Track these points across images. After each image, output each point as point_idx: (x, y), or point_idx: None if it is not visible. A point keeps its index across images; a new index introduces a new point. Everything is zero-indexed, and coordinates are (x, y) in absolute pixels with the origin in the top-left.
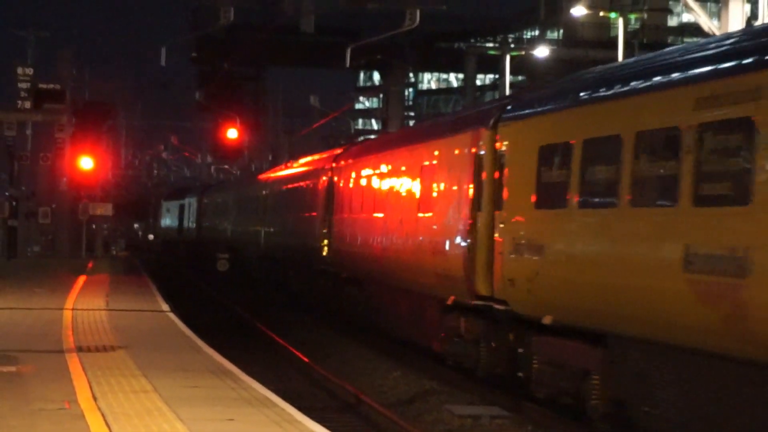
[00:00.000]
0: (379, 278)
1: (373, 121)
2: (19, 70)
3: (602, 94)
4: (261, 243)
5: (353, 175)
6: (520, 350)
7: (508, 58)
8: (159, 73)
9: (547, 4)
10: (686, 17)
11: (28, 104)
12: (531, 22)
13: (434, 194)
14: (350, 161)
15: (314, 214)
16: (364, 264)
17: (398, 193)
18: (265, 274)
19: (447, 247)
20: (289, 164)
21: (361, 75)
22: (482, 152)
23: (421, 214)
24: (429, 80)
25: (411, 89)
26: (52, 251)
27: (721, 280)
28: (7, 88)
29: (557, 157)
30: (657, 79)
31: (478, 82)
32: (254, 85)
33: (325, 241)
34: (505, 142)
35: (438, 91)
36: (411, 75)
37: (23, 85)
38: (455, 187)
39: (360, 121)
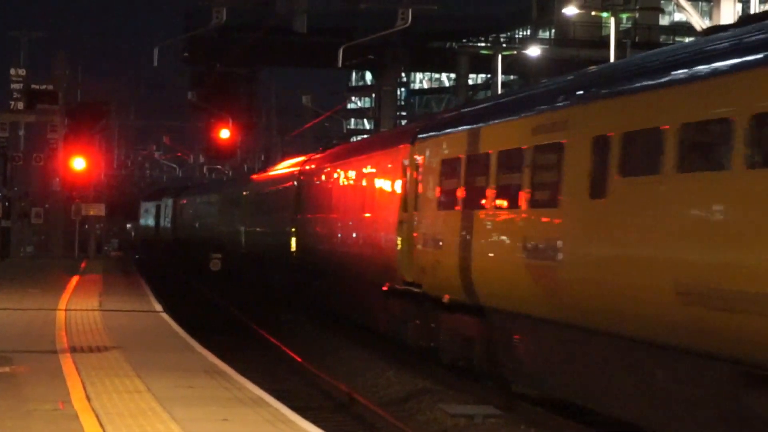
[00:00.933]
0: (336, 270)
1: (366, 121)
2: (12, 71)
3: (479, 121)
4: (241, 241)
5: (314, 180)
6: (433, 325)
7: (500, 57)
8: (152, 73)
9: (539, 3)
10: (678, 16)
11: (20, 105)
12: (523, 21)
13: (374, 198)
14: (313, 168)
15: (284, 214)
16: (323, 258)
17: (348, 196)
18: (243, 270)
19: (383, 242)
20: (267, 170)
21: (354, 75)
22: (406, 163)
23: (365, 215)
24: (421, 80)
25: (403, 89)
26: (45, 251)
27: (544, 264)
28: None
29: (452, 169)
30: (512, 111)
31: (471, 82)
32: (247, 85)
33: (293, 239)
34: (421, 156)
35: (430, 90)
36: (403, 75)
37: (16, 86)
38: (389, 192)
39: (352, 120)
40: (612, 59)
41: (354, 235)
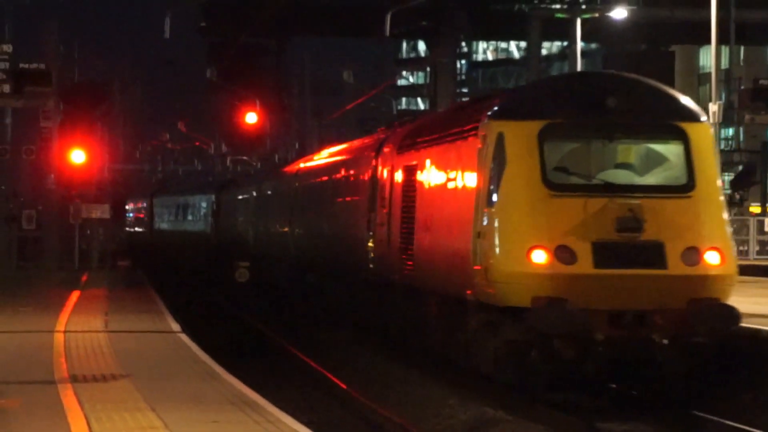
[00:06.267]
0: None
1: (419, 100)
2: None
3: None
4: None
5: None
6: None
7: (578, 21)
8: (163, 47)
9: None
10: None
11: (7, 88)
12: None
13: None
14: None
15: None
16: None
17: (266, 205)
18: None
19: (279, 225)
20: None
21: (404, 45)
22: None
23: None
24: (485, 50)
25: (463, 61)
26: (38, 262)
27: (350, 240)
28: None
29: (300, 191)
30: (319, 164)
31: (544, 51)
32: (276, 59)
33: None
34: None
35: (496, 62)
36: (463, 44)
37: (1, 66)
38: (285, 201)
39: (403, 99)
40: (713, 19)
41: (273, 227)
